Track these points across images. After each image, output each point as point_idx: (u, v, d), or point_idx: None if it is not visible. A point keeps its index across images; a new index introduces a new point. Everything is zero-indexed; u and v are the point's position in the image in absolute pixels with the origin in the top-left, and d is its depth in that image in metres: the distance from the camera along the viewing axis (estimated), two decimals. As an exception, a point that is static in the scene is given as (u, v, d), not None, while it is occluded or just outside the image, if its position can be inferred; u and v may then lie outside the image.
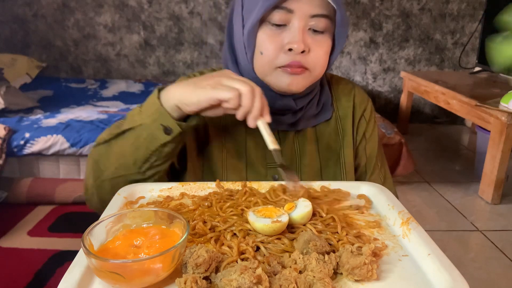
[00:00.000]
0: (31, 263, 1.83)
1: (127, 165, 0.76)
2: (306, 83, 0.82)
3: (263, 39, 0.79)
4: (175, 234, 0.55)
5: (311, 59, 0.79)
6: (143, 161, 0.75)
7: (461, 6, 3.69)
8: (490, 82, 3.07)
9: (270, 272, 0.50)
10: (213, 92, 0.69)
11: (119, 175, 0.77)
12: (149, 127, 0.74)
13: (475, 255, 2.02)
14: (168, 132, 0.73)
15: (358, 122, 0.94)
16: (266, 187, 0.74)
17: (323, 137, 0.91)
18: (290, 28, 0.78)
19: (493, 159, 2.42)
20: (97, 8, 3.56)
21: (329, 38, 0.81)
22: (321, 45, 0.80)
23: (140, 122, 0.75)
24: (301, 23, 0.77)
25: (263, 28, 0.80)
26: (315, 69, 0.81)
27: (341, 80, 0.98)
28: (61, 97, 3.03)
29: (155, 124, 0.73)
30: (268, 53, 0.79)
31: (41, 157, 2.34)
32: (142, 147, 0.74)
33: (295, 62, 0.78)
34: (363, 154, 0.94)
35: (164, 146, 0.74)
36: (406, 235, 0.60)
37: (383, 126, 2.60)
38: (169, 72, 3.78)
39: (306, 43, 0.77)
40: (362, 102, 0.95)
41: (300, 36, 0.77)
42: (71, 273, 0.49)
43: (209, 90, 0.70)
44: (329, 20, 0.79)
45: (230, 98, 0.68)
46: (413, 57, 3.82)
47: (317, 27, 0.78)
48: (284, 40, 0.78)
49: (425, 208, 2.47)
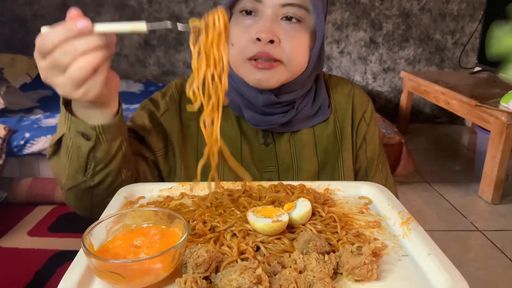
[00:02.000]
0: (31, 263, 1.83)
1: (72, 175, 0.71)
2: (280, 78, 0.78)
3: (234, 30, 0.77)
4: (175, 234, 0.55)
5: (284, 50, 0.76)
6: (83, 169, 0.70)
7: (461, 6, 3.69)
8: (490, 82, 3.07)
9: (270, 272, 0.50)
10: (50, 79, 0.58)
11: (71, 186, 0.72)
12: (69, 136, 0.67)
13: (475, 255, 2.02)
14: (87, 137, 0.66)
15: (358, 124, 0.91)
16: (266, 186, 0.74)
17: (321, 139, 0.89)
18: (259, 17, 0.76)
19: (493, 159, 2.42)
20: (97, 8, 3.56)
21: (305, 29, 0.78)
22: (294, 35, 0.76)
23: (62, 131, 0.68)
24: (270, 11, 0.75)
25: (234, 18, 0.78)
26: (291, 62, 0.78)
27: (340, 80, 0.95)
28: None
29: (72, 132, 0.66)
30: (238, 44, 0.77)
31: (41, 157, 2.34)
32: (74, 156, 0.68)
33: (263, 52, 0.75)
34: (364, 157, 0.91)
35: (93, 151, 0.68)
36: (406, 235, 0.60)
37: (383, 126, 2.60)
38: (169, 72, 3.78)
39: (276, 33, 0.75)
40: (362, 103, 0.92)
41: (268, 24, 0.74)
42: (71, 273, 0.49)
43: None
44: (303, 10, 0.76)
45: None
46: (413, 57, 3.82)
47: (288, 17, 0.76)
48: (253, 30, 0.75)
49: (425, 208, 2.47)
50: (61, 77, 0.57)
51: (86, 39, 0.55)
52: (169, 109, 0.87)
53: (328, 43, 3.75)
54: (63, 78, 0.57)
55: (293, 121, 0.86)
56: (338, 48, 3.78)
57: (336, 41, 3.76)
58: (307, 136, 0.88)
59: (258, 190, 0.71)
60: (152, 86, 3.39)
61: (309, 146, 0.88)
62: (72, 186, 0.72)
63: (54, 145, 0.71)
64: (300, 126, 0.87)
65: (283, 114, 0.84)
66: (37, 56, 0.58)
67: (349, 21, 3.70)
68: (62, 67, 0.56)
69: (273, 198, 0.68)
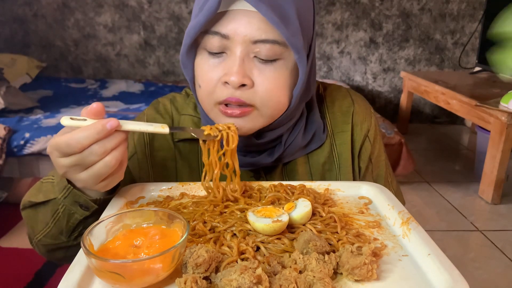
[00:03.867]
0: (31, 263, 1.83)
1: (54, 235, 0.67)
2: (254, 125, 0.69)
3: (200, 69, 0.67)
4: (175, 234, 0.54)
5: (257, 94, 0.65)
6: (69, 232, 0.67)
7: (461, 6, 3.69)
8: (490, 82, 3.07)
9: (270, 272, 0.50)
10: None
11: (48, 243, 0.69)
12: (63, 203, 0.64)
13: (475, 255, 2.02)
14: (85, 208, 0.64)
15: (360, 147, 0.82)
16: (266, 186, 0.74)
17: (316, 168, 0.80)
18: (228, 56, 0.65)
19: (493, 159, 2.42)
20: (97, 8, 3.56)
21: (284, 67, 0.66)
22: (270, 76, 0.65)
23: (53, 196, 0.64)
24: (240, 50, 0.63)
25: (200, 55, 0.67)
26: (265, 107, 0.67)
27: (337, 95, 0.85)
28: (61, 97, 3.03)
29: (69, 201, 0.63)
30: (205, 86, 0.67)
31: (41, 157, 2.34)
32: (63, 220, 0.65)
33: (233, 98, 0.65)
34: (370, 178, 0.84)
35: (87, 218, 0.65)
36: (406, 235, 0.60)
37: (383, 126, 2.60)
38: (169, 72, 3.78)
39: (248, 73, 0.64)
40: (363, 120, 0.83)
41: (237, 65, 0.63)
42: (71, 273, 0.49)
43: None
44: (280, 46, 0.64)
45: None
46: (413, 57, 3.82)
47: (262, 55, 0.64)
48: (222, 70, 0.65)
49: (425, 208, 2.47)
50: (84, 173, 0.56)
51: (114, 137, 0.55)
52: (136, 153, 0.80)
53: (328, 43, 3.75)
54: (86, 174, 0.56)
55: (283, 155, 0.78)
56: (338, 48, 3.78)
57: (336, 41, 3.76)
58: (301, 166, 0.80)
59: (258, 190, 0.71)
60: (152, 86, 3.39)
61: (304, 176, 0.80)
62: (47, 243, 0.69)
63: (35, 203, 0.68)
64: (293, 157, 0.79)
65: (270, 151, 0.76)
66: (56, 154, 0.56)
67: (349, 21, 3.70)
68: (87, 165, 0.55)
69: (273, 198, 0.68)
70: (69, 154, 0.54)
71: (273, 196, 0.69)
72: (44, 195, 0.67)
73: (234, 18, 0.63)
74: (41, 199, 0.67)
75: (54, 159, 0.57)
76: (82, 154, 0.54)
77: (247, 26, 0.62)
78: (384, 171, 0.87)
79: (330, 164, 0.82)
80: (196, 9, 0.68)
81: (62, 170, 0.57)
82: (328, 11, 3.67)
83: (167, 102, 0.84)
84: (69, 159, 0.55)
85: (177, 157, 0.80)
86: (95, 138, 0.54)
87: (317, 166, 0.81)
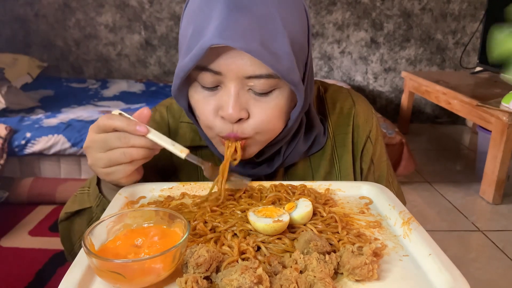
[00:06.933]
0: (32, 263, 1.84)
1: None
2: (254, 149, 0.71)
3: (195, 101, 0.67)
4: (176, 234, 0.55)
5: (253, 126, 0.65)
6: None
7: (462, 6, 3.69)
8: (491, 82, 3.07)
9: (271, 272, 0.50)
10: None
11: None
12: (96, 211, 0.72)
13: (476, 255, 2.02)
14: None
15: (362, 149, 0.83)
16: (267, 186, 0.74)
17: (318, 170, 0.81)
18: (223, 89, 0.64)
19: (494, 159, 2.42)
20: (98, 8, 3.56)
21: (280, 95, 0.65)
22: (267, 108, 0.65)
23: (88, 204, 0.73)
24: (234, 85, 0.63)
25: (194, 88, 0.67)
26: (260, 135, 0.68)
27: (338, 96, 0.84)
28: (62, 97, 3.03)
29: (100, 208, 0.71)
30: (203, 120, 0.67)
31: (42, 157, 2.34)
32: None
33: (231, 134, 0.66)
34: (372, 179, 0.84)
35: None
36: (407, 235, 0.60)
37: (384, 126, 2.60)
38: (170, 72, 3.78)
39: (244, 104, 0.64)
40: (365, 122, 0.83)
41: (233, 102, 0.63)
42: (72, 273, 0.49)
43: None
44: (274, 79, 0.63)
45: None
46: (414, 57, 3.82)
47: (257, 89, 0.63)
48: (218, 102, 0.65)
49: (426, 208, 2.47)
50: (101, 153, 0.65)
51: (140, 138, 0.64)
52: None
53: (329, 43, 3.75)
54: (104, 154, 0.65)
55: (283, 163, 0.78)
56: (339, 48, 3.78)
57: (337, 41, 3.76)
58: (303, 169, 0.81)
59: (258, 190, 0.71)
60: (153, 86, 3.39)
61: (305, 178, 0.81)
62: None
63: (71, 213, 0.75)
64: (294, 161, 0.80)
65: (269, 163, 0.77)
66: (94, 129, 0.66)
67: (350, 21, 3.70)
68: (108, 147, 0.64)
69: (273, 198, 0.68)
70: (101, 131, 0.65)
71: (274, 196, 0.69)
72: (79, 204, 0.74)
73: (225, 54, 0.61)
74: (76, 208, 0.74)
75: (90, 134, 0.67)
76: (111, 134, 0.64)
77: (239, 63, 0.61)
78: (386, 172, 0.87)
79: (330, 166, 0.82)
80: (183, 46, 0.65)
81: (89, 143, 0.66)
82: (329, 11, 3.67)
83: (163, 109, 0.85)
84: (99, 136, 0.65)
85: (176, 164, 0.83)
86: (125, 128, 0.64)
87: (318, 168, 0.81)
